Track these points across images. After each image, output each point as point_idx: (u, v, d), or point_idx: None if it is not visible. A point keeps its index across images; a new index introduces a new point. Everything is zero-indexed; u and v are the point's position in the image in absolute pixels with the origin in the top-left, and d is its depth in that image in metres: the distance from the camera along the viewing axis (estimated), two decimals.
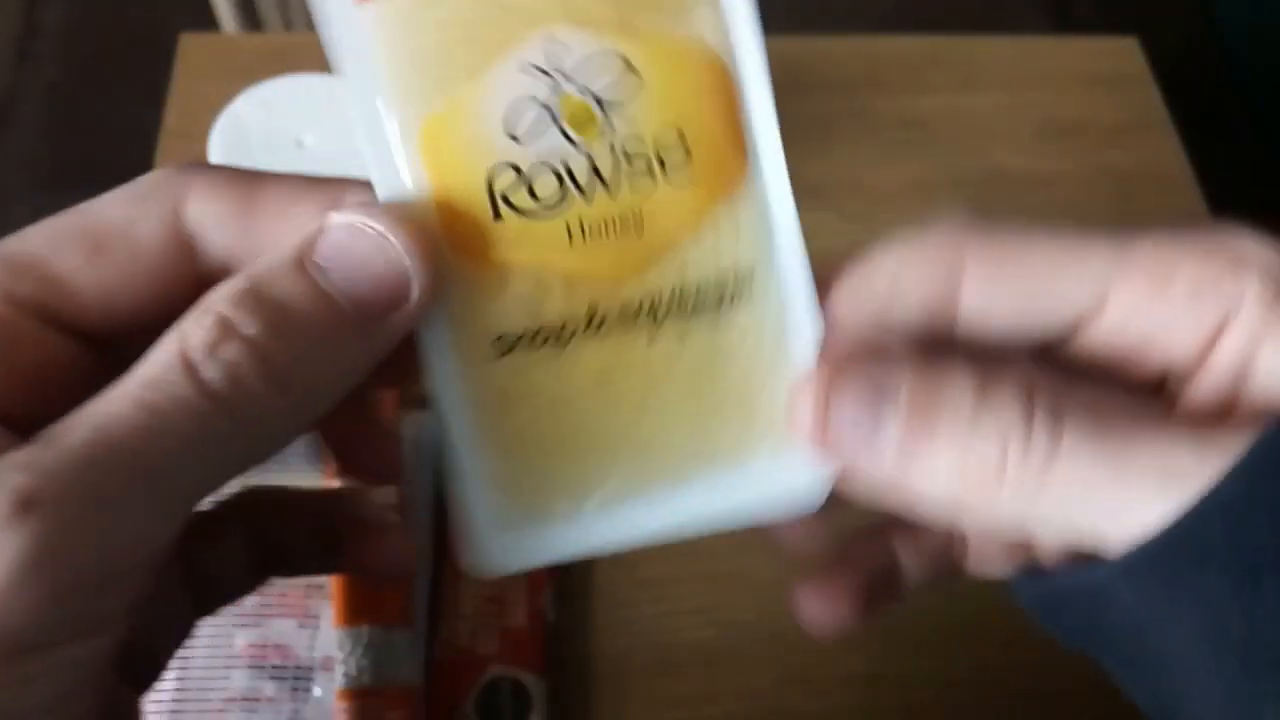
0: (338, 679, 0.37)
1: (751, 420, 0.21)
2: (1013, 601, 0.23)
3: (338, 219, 0.19)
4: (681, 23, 0.20)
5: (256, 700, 0.37)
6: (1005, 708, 0.44)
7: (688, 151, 0.20)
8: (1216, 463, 0.18)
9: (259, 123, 0.43)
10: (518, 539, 0.21)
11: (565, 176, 0.20)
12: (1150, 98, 0.61)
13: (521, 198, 0.20)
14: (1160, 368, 0.21)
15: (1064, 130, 0.59)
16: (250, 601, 0.38)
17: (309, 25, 1.34)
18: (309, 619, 0.39)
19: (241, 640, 0.38)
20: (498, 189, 0.20)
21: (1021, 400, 0.19)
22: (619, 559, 0.45)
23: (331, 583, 0.38)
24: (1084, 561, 0.20)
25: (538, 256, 0.20)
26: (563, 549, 0.21)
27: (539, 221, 0.20)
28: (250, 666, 0.38)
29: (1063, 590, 0.21)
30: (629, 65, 0.20)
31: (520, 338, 0.20)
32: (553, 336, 0.20)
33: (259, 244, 0.20)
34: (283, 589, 0.39)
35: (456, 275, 0.20)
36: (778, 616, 0.43)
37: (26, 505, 0.16)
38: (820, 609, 0.24)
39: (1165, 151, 0.59)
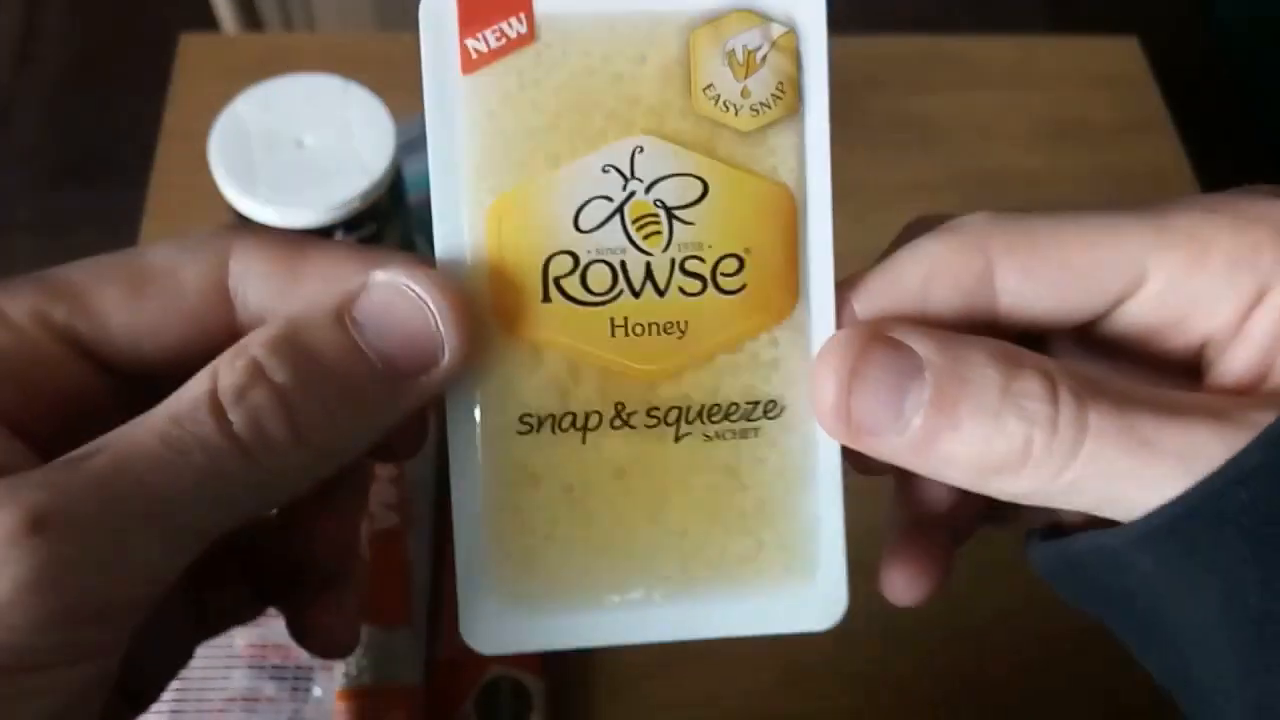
0: (338, 679, 0.37)
1: (770, 536, 0.22)
2: (1012, 602, 0.23)
3: (380, 276, 0.20)
4: (762, 154, 0.21)
5: (256, 700, 0.37)
6: (1005, 708, 0.44)
7: (743, 275, 0.21)
8: (1239, 441, 0.18)
9: (259, 123, 0.43)
10: (518, 621, 0.21)
11: (620, 273, 0.21)
12: (1150, 97, 0.61)
13: (573, 285, 0.21)
14: (1200, 337, 0.21)
15: (1064, 130, 0.59)
16: None
17: (309, 25, 1.34)
18: None
19: (241, 640, 0.38)
20: (552, 273, 0.21)
21: (1046, 390, 0.19)
22: None
23: None
24: (1103, 526, 0.20)
25: (578, 343, 0.21)
26: (562, 638, 0.21)
27: (586, 310, 0.21)
28: (250, 666, 0.38)
29: (1080, 553, 0.21)
30: (704, 185, 0.21)
31: (546, 418, 0.21)
32: (579, 422, 0.21)
33: (299, 304, 0.20)
34: None
35: (496, 347, 0.21)
36: None
37: (38, 524, 0.16)
38: (911, 582, 0.24)
39: (1165, 151, 0.59)
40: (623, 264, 0.21)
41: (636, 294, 0.21)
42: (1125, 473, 0.19)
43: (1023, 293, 0.21)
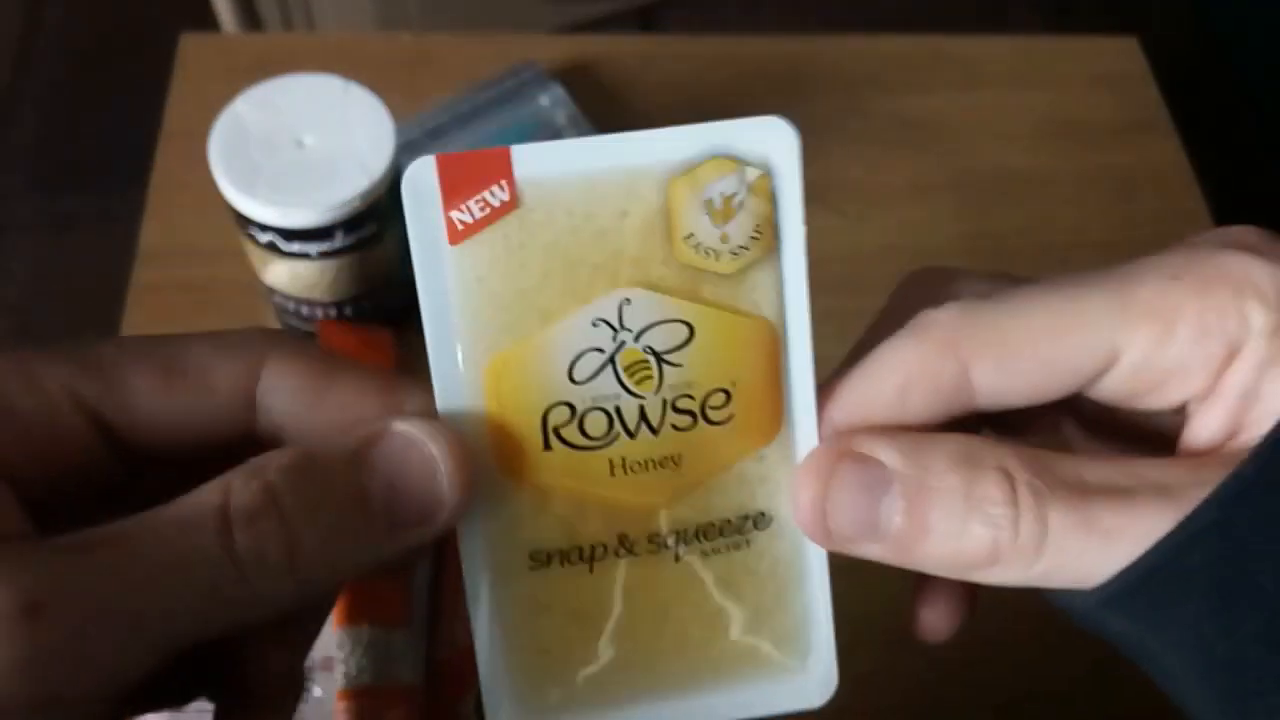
0: (338, 679, 0.37)
1: (766, 635, 0.23)
2: (1015, 603, 0.23)
3: (399, 427, 0.21)
4: (743, 293, 0.22)
5: None
6: (1006, 708, 0.44)
7: (730, 406, 0.22)
8: (1187, 513, 0.20)
9: (259, 123, 0.43)
10: None
11: (615, 419, 0.22)
12: (1150, 97, 0.61)
13: (572, 433, 0.22)
14: (1179, 400, 0.22)
15: (1064, 130, 0.59)
16: None
17: (309, 26, 1.34)
18: None
19: None
20: (551, 423, 0.22)
21: (1006, 494, 0.20)
22: None
23: None
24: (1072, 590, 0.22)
25: (580, 485, 0.22)
26: None
27: (585, 454, 0.22)
28: None
29: (1065, 608, 0.22)
30: (690, 328, 0.22)
31: (555, 554, 0.22)
32: (585, 555, 0.22)
33: (319, 425, 0.21)
34: None
35: (502, 494, 0.22)
36: None
37: (33, 610, 0.17)
38: (940, 621, 0.26)
39: (1165, 151, 0.59)
40: (618, 409, 0.22)
41: (632, 435, 0.22)
42: (1090, 560, 0.20)
43: (998, 387, 0.22)
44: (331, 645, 0.38)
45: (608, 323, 0.22)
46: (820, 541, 0.22)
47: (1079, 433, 0.26)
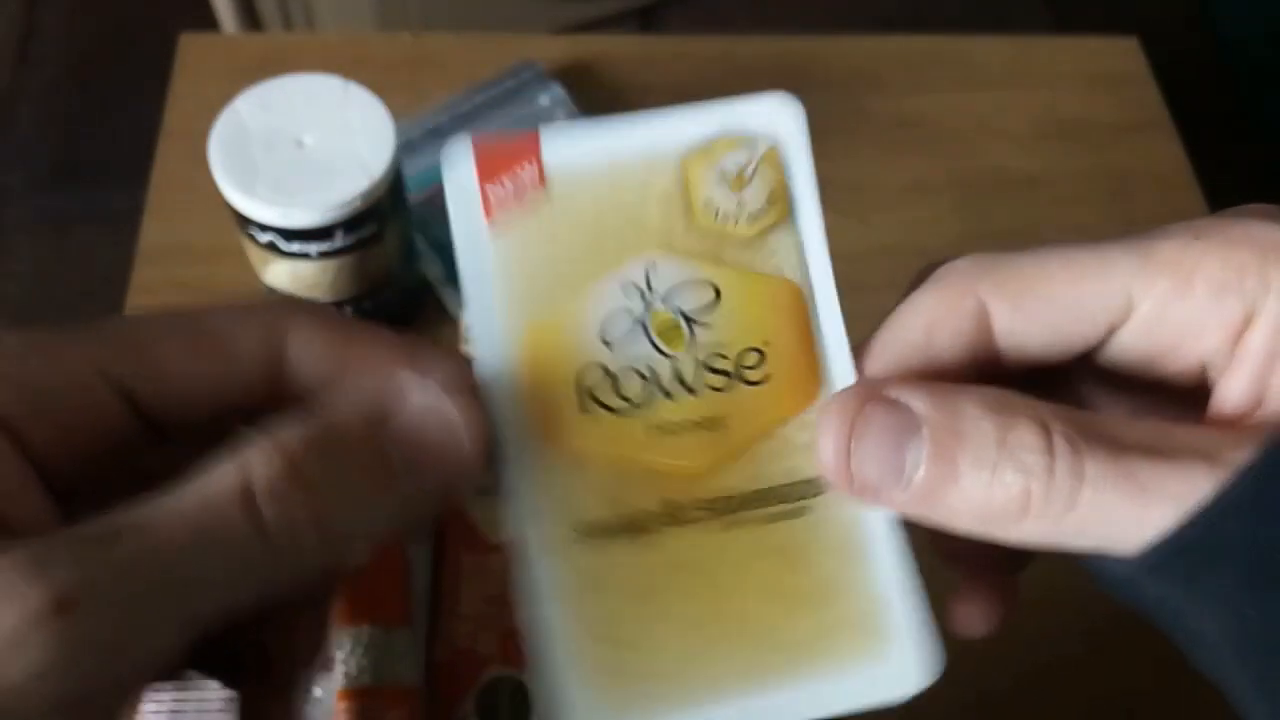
0: (338, 679, 0.37)
1: (833, 614, 0.22)
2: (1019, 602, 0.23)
3: (417, 396, 0.21)
4: (764, 256, 0.23)
5: None
6: (1004, 708, 0.44)
7: (765, 366, 0.22)
8: (1230, 473, 0.19)
9: (259, 123, 0.43)
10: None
11: (651, 379, 0.22)
12: (1150, 97, 0.61)
13: (608, 396, 0.22)
14: (1197, 362, 0.21)
15: (1064, 130, 0.59)
16: None
17: (309, 25, 1.34)
18: None
19: None
20: (587, 386, 0.22)
21: (1041, 441, 0.19)
22: None
23: None
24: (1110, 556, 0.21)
25: (619, 450, 0.22)
26: None
27: (623, 418, 0.22)
28: None
29: (1100, 574, 0.22)
30: (716, 290, 0.23)
31: (599, 524, 0.22)
32: (631, 525, 0.22)
33: (341, 390, 0.21)
34: None
35: (543, 462, 0.22)
36: None
37: (64, 605, 0.17)
38: (980, 617, 0.25)
39: (1165, 151, 0.59)
40: (651, 370, 0.22)
41: (669, 396, 0.22)
42: (1124, 517, 0.19)
43: (1015, 330, 0.22)
44: (332, 645, 0.38)
45: (636, 286, 0.22)
46: (843, 488, 0.21)
47: (1103, 404, 0.25)
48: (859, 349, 0.23)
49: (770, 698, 0.22)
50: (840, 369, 0.23)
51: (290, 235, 0.42)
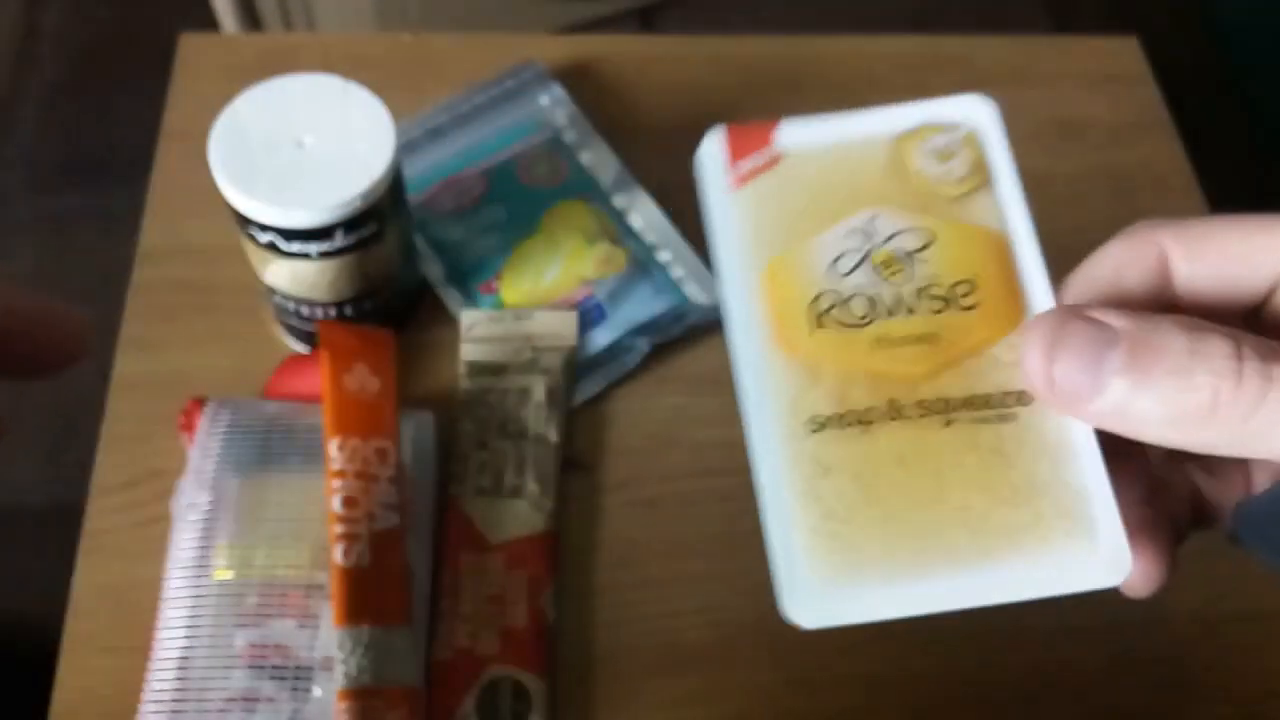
0: (338, 679, 0.37)
1: (1046, 506, 0.24)
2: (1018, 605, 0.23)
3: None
4: (970, 211, 0.27)
5: (256, 700, 0.37)
6: (1006, 708, 0.44)
7: (976, 295, 0.26)
8: None
9: (259, 123, 0.43)
10: (832, 597, 0.24)
11: (875, 302, 0.26)
12: (1150, 98, 0.61)
13: (839, 314, 0.26)
14: None
15: (1064, 130, 0.59)
16: (251, 601, 0.38)
17: (309, 25, 1.34)
18: (309, 619, 0.39)
19: (241, 640, 0.38)
20: (819, 308, 0.26)
21: (1231, 348, 0.22)
22: (618, 559, 0.45)
23: (331, 582, 0.38)
24: None
25: (848, 357, 0.25)
26: (873, 611, 0.24)
27: (851, 331, 0.26)
28: (250, 666, 0.38)
29: (1272, 501, 0.24)
30: (931, 234, 0.27)
31: (830, 418, 0.25)
32: (858, 420, 0.25)
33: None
34: (283, 590, 0.39)
35: (783, 370, 0.26)
36: (778, 616, 0.43)
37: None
38: (1145, 575, 0.26)
39: (1165, 151, 0.59)
40: (876, 295, 0.26)
41: (891, 314, 0.26)
42: None
43: (1192, 276, 0.25)
44: (332, 645, 0.38)
45: (861, 231, 0.27)
46: (1045, 397, 0.24)
47: None
48: (1056, 287, 0.26)
49: (978, 577, 0.24)
50: (1041, 300, 0.26)
51: (290, 235, 0.42)
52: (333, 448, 0.40)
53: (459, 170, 0.53)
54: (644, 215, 0.53)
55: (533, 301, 0.50)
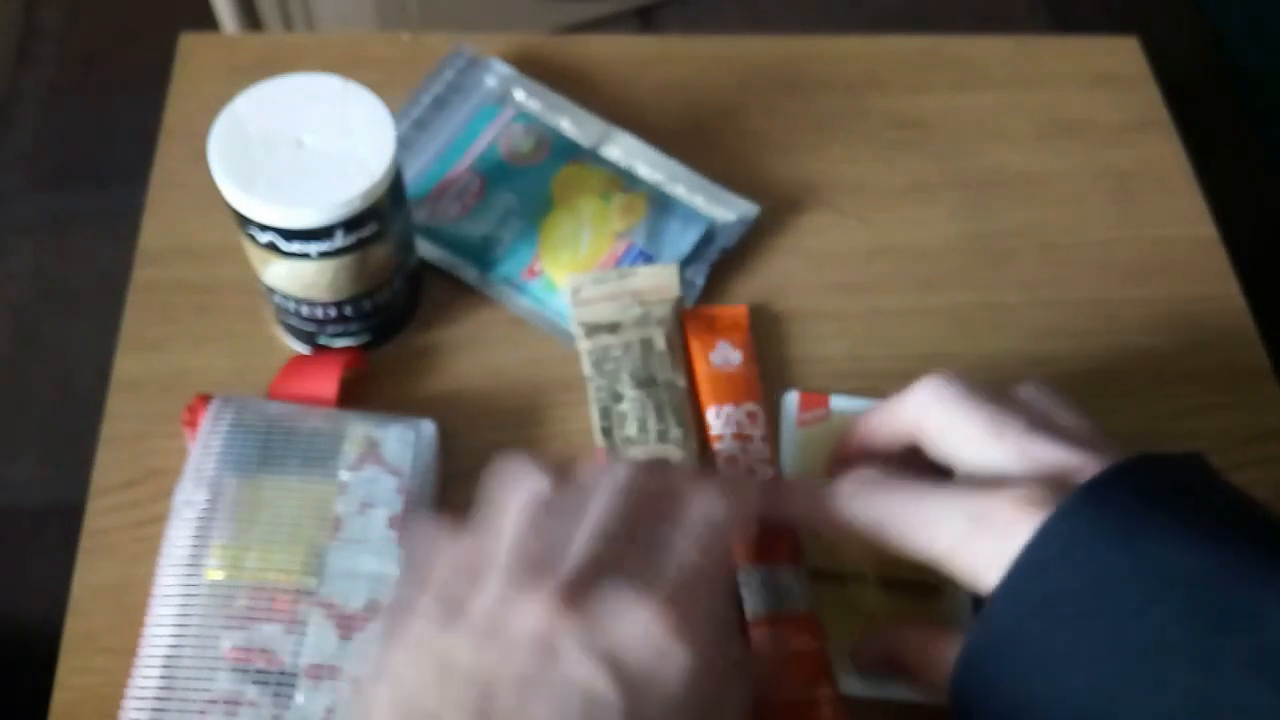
0: (755, 610, 0.41)
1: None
2: None
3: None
4: None
5: (238, 704, 0.37)
6: None
7: None
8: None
9: (259, 122, 0.43)
10: None
11: None
12: (1150, 97, 0.61)
13: None
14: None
15: (1064, 130, 0.59)
16: (240, 604, 0.38)
17: (309, 26, 1.34)
18: (296, 624, 0.38)
19: (227, 643, 0.38)
20: None
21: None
22: None
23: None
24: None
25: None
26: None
27: None
28: (234, 669, 0.38)
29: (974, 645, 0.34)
30: None
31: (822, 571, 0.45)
32: (835, 576, 0.45)
33: None
34: (272, 594, 0.39)
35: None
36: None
37: None
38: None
39: (1165, 151, 0.59)
40: None
41: None
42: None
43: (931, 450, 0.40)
44: (326, 653, 0.38)
45: None
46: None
47: None
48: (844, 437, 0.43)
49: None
50: None
51: (290, 235, 0.42)
52: (710, 416, 0.46)
53: (445, 173, 0.53)
54: (643, 157, 0.54)
55: (584, 266, 0.51)
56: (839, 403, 0.47)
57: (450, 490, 0.45)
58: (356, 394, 0.47)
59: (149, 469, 0.46)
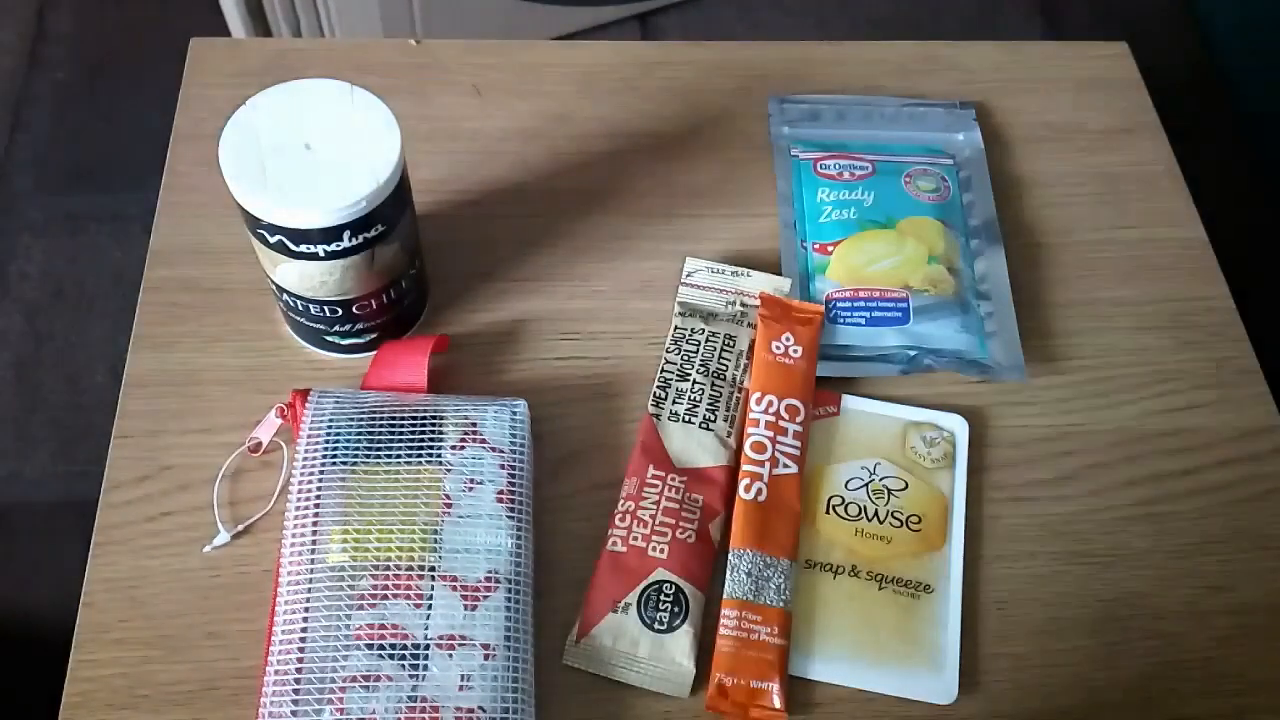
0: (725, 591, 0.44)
1: (923, 649, 0.45)
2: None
3: None
4: (934, 479, 0.50)
5: (376, 679, 0.39)
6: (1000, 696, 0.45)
7: (920, 525, 0.48)
8: None
9: (268, 127, 0.44)
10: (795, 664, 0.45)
11: (863, 509, 0.49)
12: (1140, 101, 0.62)
13: (839, 509, 0.48)
14: None
15: (1055, 133, 0.60)
16: (365, 584, 0.40)
17: (317, 31, 1.34)
18: (422, 599, 0.40)
19: (358, 621, 0.40)
20: (832, 501, 0.48)
21: None
22: None
23: (734, 511, 0.46)
24: None
25: (838, 535, 0.47)
26: (821, 675, 0.45)
27: (844, 521, 0.48)
28: (368, 646, 0.39)
29: None
30: (907, 483, 0.49)
31: (818, 563, 0.47)
32: (832, 570, 0.46)
33: None
34: (396, 572, 0.41)
35: (806, 532, 0.48)
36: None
37: None
38: None
39: (1155, 155, 0.60)
40: (864, 506, 0.47)
41: (869, 519, 0.47)
42: None
43: None
44: (455, 622, 0.40)
45: (869, 468, 0.48)
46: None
47: None
48: None
49: (876, 672, 0.44)
50: (956, 542, 0.47)
51: (299, 236, 0.43)
52: (753, 400, 0.48)
53: (854, 150, 0.57)
54: (990, 264, 0.54)
55: (853, 281, 0.52)
56: (853, 402, 0.49)
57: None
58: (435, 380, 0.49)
59: (160, 465, 0.47)
